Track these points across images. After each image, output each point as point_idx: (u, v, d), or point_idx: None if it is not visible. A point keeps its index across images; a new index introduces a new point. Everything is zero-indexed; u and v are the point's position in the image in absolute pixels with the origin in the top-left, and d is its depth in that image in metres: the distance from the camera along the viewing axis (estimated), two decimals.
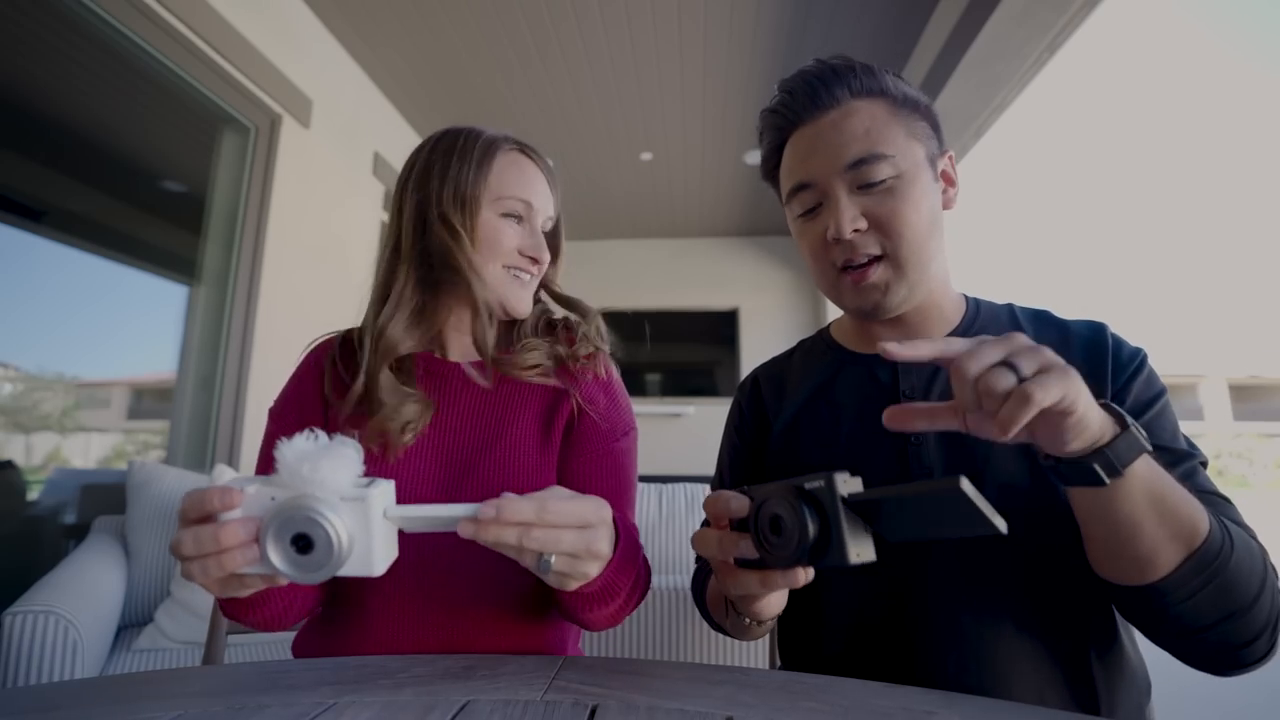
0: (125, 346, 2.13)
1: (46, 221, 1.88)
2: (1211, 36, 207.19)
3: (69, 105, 1.97)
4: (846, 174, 0.61)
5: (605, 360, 0.76)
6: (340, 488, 0.41)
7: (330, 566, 0.40)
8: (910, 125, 0.62)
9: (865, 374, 0.68)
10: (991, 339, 0.41)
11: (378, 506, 0.42)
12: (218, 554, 0.41)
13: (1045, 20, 1.96)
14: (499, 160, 0.71)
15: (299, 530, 0.40)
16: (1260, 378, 20.61)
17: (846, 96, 0.62)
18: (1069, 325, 0.64)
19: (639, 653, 1.22)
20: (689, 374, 6.25)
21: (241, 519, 0.41)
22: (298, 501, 0.40)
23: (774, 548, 0.41)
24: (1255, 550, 0.49)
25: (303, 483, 0.40)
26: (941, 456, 0.59)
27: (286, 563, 0.41)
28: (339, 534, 0.40)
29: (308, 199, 2.39)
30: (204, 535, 0.41)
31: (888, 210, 0.60)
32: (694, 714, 0.41)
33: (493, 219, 0.70)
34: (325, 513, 0.40)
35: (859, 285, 0.62)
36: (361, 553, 0.41)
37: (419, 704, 0.42)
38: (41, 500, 1.90)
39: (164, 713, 0.42)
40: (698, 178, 3.90)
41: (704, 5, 2.33)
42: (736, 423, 0.78)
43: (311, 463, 0.40)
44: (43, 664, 1.12)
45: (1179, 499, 0.46)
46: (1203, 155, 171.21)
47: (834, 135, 0.61)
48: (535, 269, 0.73)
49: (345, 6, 2.36)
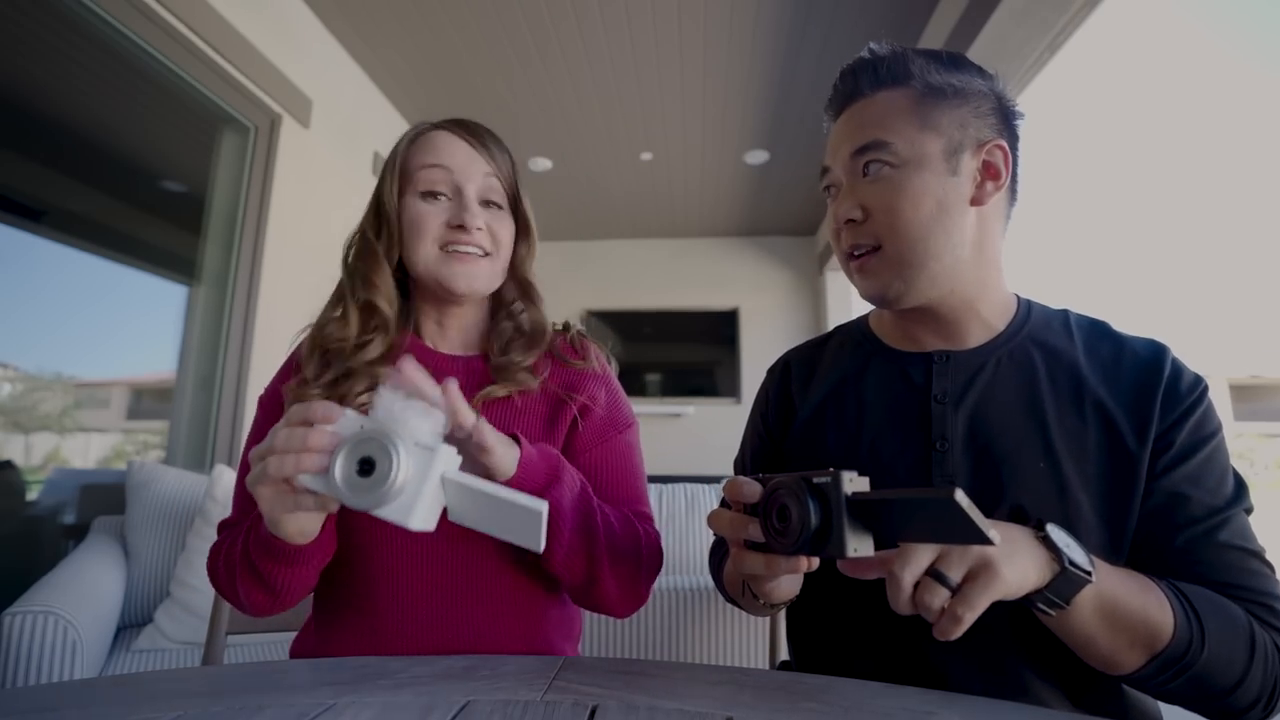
0: (125, 346, 2.12)
1: (46, 221, 1.88)
2: (1211, 36, 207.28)
3: (69, 105, 1.97)
4: (851, 161, 0.61)
5: (599, 356, 0.76)
6: (419, 434, 0.45)
7: (378, 496, 0.43)
8: (930, 115, 0.59)
9: (897, 371, 0.66)
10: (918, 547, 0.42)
11: (440, 463, 0.45)
12: (299, 452, 0.45)
13: (1046, 20, 1.96)
14: (414, 144, 0.71)
15: (368, 453, 0.44)
16: (1261, 378, 20.58)
17: (870, 86, 0.62)
18: (1126, 341, 0.61)
19: (639, 653, 1.22)
20: (689, 374, 6.24)
21: (331, 431, 0.46)
22: (379, 429, 0.44)
23: (779, 534, 0.44)
24: (1239, 633, 0.49)
25: (391, 419, 0.45)
26: (967, 465, 0.58)
27: (344, 479, 0.44)
28: (399, 468, 0.43)
29: (308, 199, 2.39)
30: (295, 433, 0.46)
31: (882, 202, 0.59)
32: (694, 714, 0.41)
33: (414, 203, 0.69)
34: (398, 445, 0.44)
35: (861, 274, 0.63)
36: (407, 500, 0.44)
37: (419, 704, 0.42)
38: (41, 500, 1.90)
39: (164, 713, 0.42)
40: (698, 178, 3.89)
41: (704, 5, 2.33)
42: (763, 408, 0.77)
43: (403, 405, 0.45)
44: (42, 664, 1.12)
45: (1135, 610, 0.47)
46: (1203, 155, 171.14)
47: (850, 124, 0.62)
48: (473, 240, 0.69)
49: (345, 6, 2.36)
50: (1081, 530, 0.54)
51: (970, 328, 0.63)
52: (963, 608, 0.41)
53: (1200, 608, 0.49)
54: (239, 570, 0.59)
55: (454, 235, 0.68)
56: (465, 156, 0.70)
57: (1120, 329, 0.63)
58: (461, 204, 0.68)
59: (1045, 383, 0.59)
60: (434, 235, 0.68)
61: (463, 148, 0.70)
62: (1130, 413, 0.56)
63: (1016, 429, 0.58)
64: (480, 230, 0.69)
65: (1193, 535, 0.53)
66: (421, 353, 0.73)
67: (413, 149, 0.71)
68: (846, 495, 0.41)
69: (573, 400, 0.70)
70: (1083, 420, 0.57)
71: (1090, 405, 0.57)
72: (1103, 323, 0.64)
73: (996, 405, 0.59)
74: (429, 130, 0.72)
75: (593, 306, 4.76)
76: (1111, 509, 0.55)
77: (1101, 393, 0.57)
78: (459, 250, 0.68)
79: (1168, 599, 0.48)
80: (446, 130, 0.71)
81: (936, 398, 0.62)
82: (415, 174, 0.69)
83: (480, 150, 0.71)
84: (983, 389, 0.61)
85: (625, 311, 4.82)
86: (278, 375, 0.75)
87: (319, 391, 0.66)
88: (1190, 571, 0.53)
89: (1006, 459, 0.57)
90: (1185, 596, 0.49)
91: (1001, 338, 0.63)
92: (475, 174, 0.70)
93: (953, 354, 0.63)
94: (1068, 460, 0.56)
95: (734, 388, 4.77)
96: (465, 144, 0.70)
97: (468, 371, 0.73)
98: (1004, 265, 0.65)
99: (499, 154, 0.73)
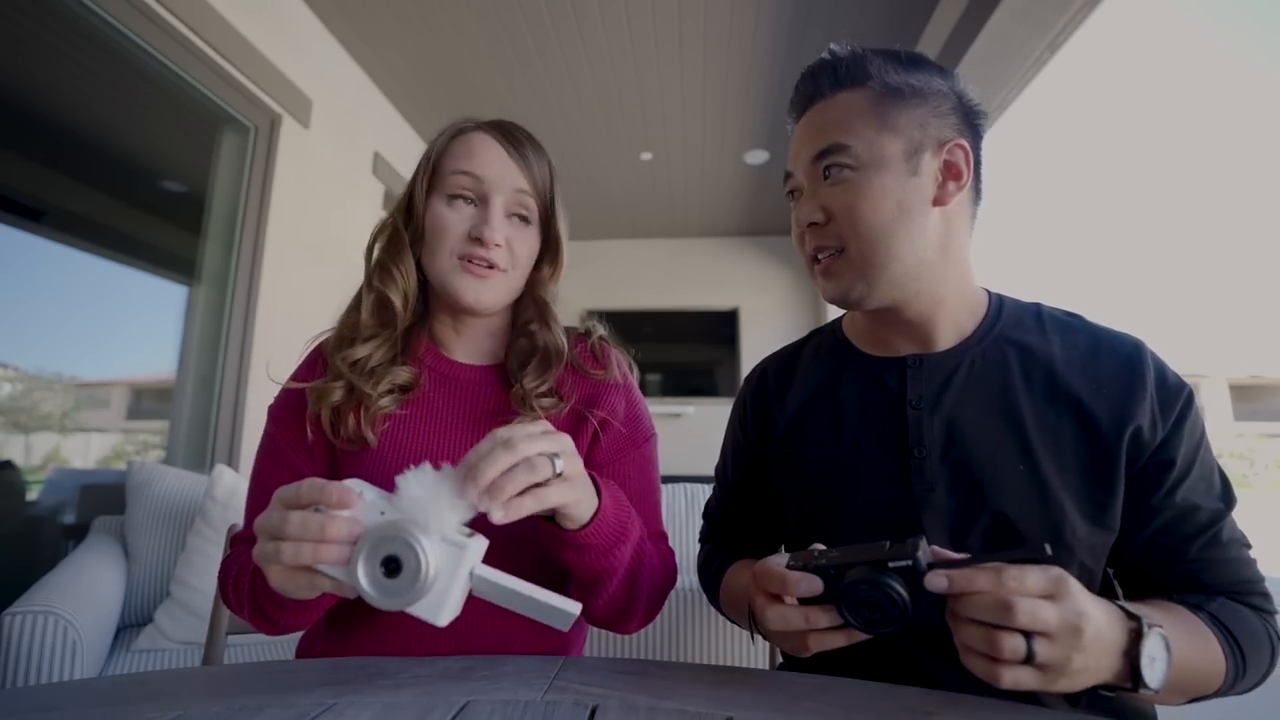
0: (125, 346, 2.13)
1: (46, 221, 1.88)
2: (1211, 36, 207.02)
3: (69, 105, 1.97)
4: (812, 165, 0.61)
5: (621, 363, 0.74)
6: (446, 529, 0.42)
7: (407, 598, 0.41)
8: (889, 116, 0.59)
9: (872, 377, 0.66)
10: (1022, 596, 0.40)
11: (471, 559, 0.42)
12: (316, 542, 0.42)
13: (1046, 20, 1.96)
14: (451, 143, 0.68)
15: (394, 552, 0.41)
16: (1260, 378, 20.58)
17: (830, 88, 0.62)
18: (1102, 335, 0.61)
19: (639, 653, 1.22)
20: (689, 374, 6.25)
21: (350, 518, 0.42)
22: (406, 524, 0.41)
23: (873, 623, 0.44)
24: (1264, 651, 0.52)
25: (417, 511, 0.42)
26: (946, 473, 0.58)
27: (369, 578, 0.41)
28: (429, 570, 0.40)
29: (308, 199, 2.39)
30: (312, 521, 0.42)
31: (842, 204, 0.59)
32: (694, 714, 0.41)
33: (438, 205, 0.66)
34: (425, 545, 0.40)
35: (824, 277, 0.62)
36: (437, 597, 0.42)
37: (419, 704, 0.42)
38: (41, 500, 1.90)
39: (164, 713, 0.42)
40: (698, 178, 3.89)
41: (704, 5, 2.33)
42: (741, 416, 0.77)
43: (430, 496, 0.42)
44: (42, 664, 1.12)
45: (1195, 674, 0.49)
46: (1203, 155, 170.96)
47: (810, 127, 0.62)
48: (490, 255, 0.65)
49: (345, 6, 2.36)
50: (1067, 534, 0.54)
51: (941, 329, 0.63)
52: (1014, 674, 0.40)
53: (1244, 644, 0.51)
54: (246, 605, 0.59)
55: (471, 247, 0.65)
56: (499, 165, 0.67)
57: (1095, 321, 0.63)
58: (484, 215, 0.66)
59: (1020, 381, 0.59)
60: (452, 244, 0.65)
61: (498, 155, 0.67)
62: (1108, 406, 0.56)
63: (993, 432, 0.58)
64: (499, 246, 0.66)
65: (1204, 543, 0.55)
66: (437, 360, 0.71)
67: (449, 149, 0.68)
68: (923, 570, 0.42)
69: (592, 416, 0.68)
70: (1058, 415, 0.57)
71: (1065, 400, 0.57)
72: (1077, 315, 0.64)
73: (972, 409, 0.59)
74: (469, 130, 0.69)
75: (592, 306, 4.75)
76: (1094, 507, 0.55)
77: (1077, 387, 0.57)
78: (473, 263, 0.65)
79: (1221, 648, 0.50)
80: (486, 133, 0.68)
81: (912, 403, 0.61)
82: (446, 177, 0.66)
83: (516, 160, 0.67)
84: (958, 392, 0.60)
85: (625, 311, 4.82)
86: (289, 380, 0.72)
87: (341, 392, 0.65)
88: (1206, 575, 0.55)
89: (985, 464, 0.57)
90: (1234, 637, 0.51)
91: (973, 338, 0.63)
92: (505, 185, 0.67)
93: (925, 357, 0.63)
94: (1046, 459, 0.56)
95: (734, 388, 4.76)
96: (502, 151, 0.67)
97: (485, 383, 0.71)
98: (972, 264, 0.65)
99: (537, 164, 0.69)
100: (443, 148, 0.68)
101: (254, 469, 0.69)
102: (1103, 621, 0.41)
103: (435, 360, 0.71)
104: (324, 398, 0.64)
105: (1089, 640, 0.40)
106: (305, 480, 0.44)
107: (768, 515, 0.74)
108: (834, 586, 0.45)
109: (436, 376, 0.70)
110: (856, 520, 0.61)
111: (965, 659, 0.42)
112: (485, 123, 0.70)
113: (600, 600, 0.59)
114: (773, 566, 0.48)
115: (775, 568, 0.47)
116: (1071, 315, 0.64)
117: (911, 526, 0.58)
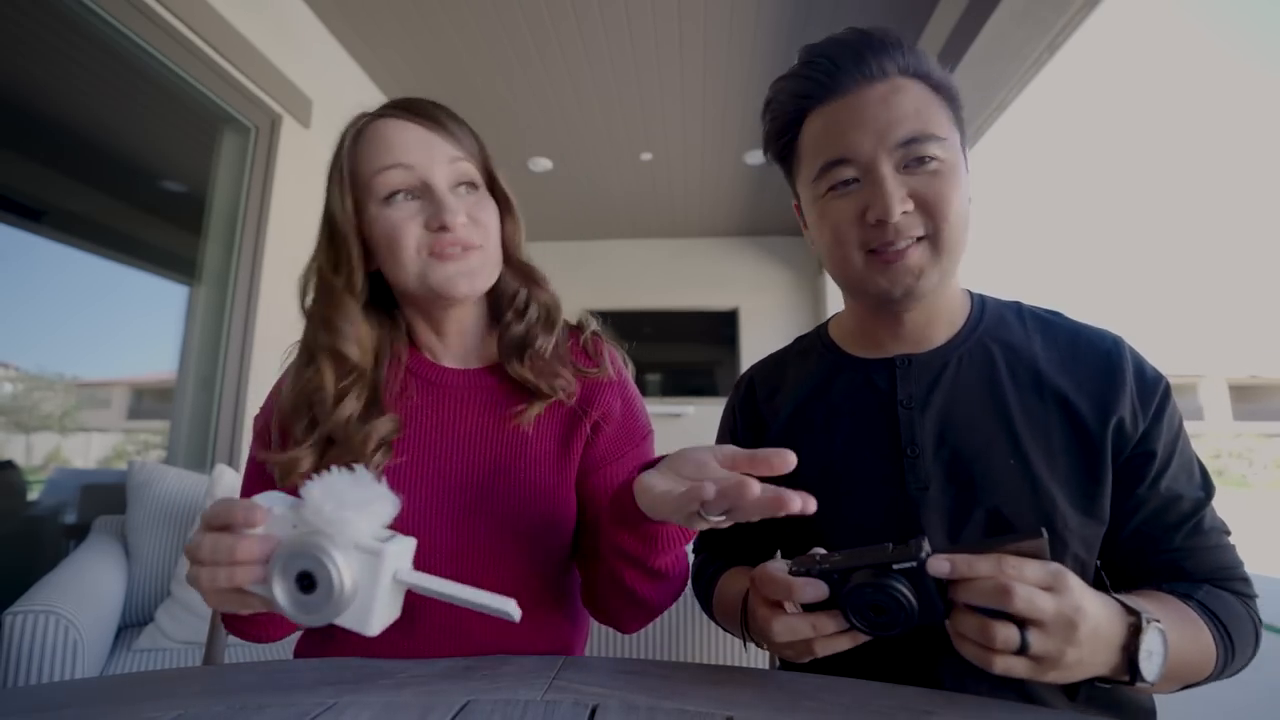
0: (125, 346, 2.13)
1: (46, 221, 1.88)
2: (1211, 36, 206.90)
3: (69, 105, 1.97)
4: (896, 151, 0.56)
5: (616, 359, 0.73)
6: (358, 536, 0.40)
7: (326, 612, 0.40)
8: (950, 111, 0.60)
9: (862, 379, 0.66)
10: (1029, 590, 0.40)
11: (390, 565, 0.40)
12: (230, 565, 0.41)
13: (1045, 20, 1.96)
14: (359, 145, 0.61)
15: (306, 567, 0.39)
16: (1260, 378, 20.59)
17: (895, 72, 0.58)
18: (1081, 331, 0.62)
19: (639, 653, 1.22)
20: (689, 374, 6.24)
21: (261, 536, 0.41)
22: (312, 538, 0.39)
23: (879, 626, 0.43)
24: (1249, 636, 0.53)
25: (324, 522, 0.39)
26: (939, 469, 0.59)
27: (286, 596, 0.40)
28: (342, 582, 0.39)
29: (308, 199, 2.37)
30: (222, 544, 0.41)
31: (935, 192, 0.56)
32: (694, 714, 0.41)
33: (379, 213, 0.60)
34: (335, 557, 0.39)
35: (893, 266, 0.57)
36: (361, 607, 0.40)
37: (419, 704, 0.42)
38: (42, 500, 1.90)
39: (164, 713, 0.42)
40: (698, 178, 3.89)
41: (704, 5, 2.33)
42: (730, 424, 0.77)
43: (336, 504, 0.39)
44: (43, 664, 1.12)
45: (1188, 664, 0.49)
46: (1203, 155, 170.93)
47: (883, 110, 0.56)
48: (459, 236, 0.60)
49: (345, 6, 2.36)
50: (1059, 525, 0.55)
51: (935, 327, 0.64)
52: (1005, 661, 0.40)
53: (1233, 631, 0.52)
54: (224, 620, 0.59)
55: (437, 238, 0.59)
56: (422, 145, 0.60)
57: (1074, 318, 0.64)
58: (434, 201, 0.59)
59: (1006, 377, 0.60)
60: (414, 243, 0.59)
61: (417, 135, 0.61)
62: (1091, 398, 0.57)
63: (984, 428, 0.59)
64: (464, 224, 0.60)
65: (1188, 531, 0.56)
66: (424, 368, 0.68)
67: (359, 151, 0.61)
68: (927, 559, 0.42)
69: (586, 415, 0.66)
70: (1045, 410, 0.58)
71: (1051, 395, 0.58)
72: (1056, 312, 0.65)
73: (962, 406, 0.60)
74: (371, 122, 0.62)
75: (592, 306, 4.73)
76: (1084, 498, 0.56)
77: (1060, 381, 0.59)
78: (447, 251, 0.60)
79: (1212, 636, 0.50)
80: (392, 118, 0.61)
81: (903, 403, 0.62)
82: (371, 180, 0.59)
83: (438, 132, 0.61)
84: (947, 390, 0.61)
85: (625, 311, 4.82)
86: (271, 396, 0.69)
87: (311, 458, 0.59)
88: (1190, 563, 0.56)
89: (977, 459, 0.58)
90: (1223, 625, 0.52)
91: (959, 337, 0.64)
92: (439, 161, 0.60)
93: (914, 357, 0.64)
94: (1035, 452, 0.57)
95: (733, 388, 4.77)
96: (419, 129, 0.61)
97: (478, 389, 0.67)
98: None
99: (459, 130, 0.63)
100: (352, 153, 0.61)
101: (245, 472, 0.68)
102: (1101, 617, 0.41)
103: (422, 369, 0.68)
104: (292, 470, 0.58)
105: (1084, 635, 0.40)
106: (219, 500, 0.43)
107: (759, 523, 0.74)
108: (838, 591, 0.44)
109: (424, 384, 0.67)
110: (853, 522, 0.61)
111: (958, 644, 0.42)
112: (384, 108, 0.64)
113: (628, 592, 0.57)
114: (773, 573, 0.47)
115: (776, 574, 0.47)
116: (1051, 313, 0.66)
117: (908, 525, 0.58)
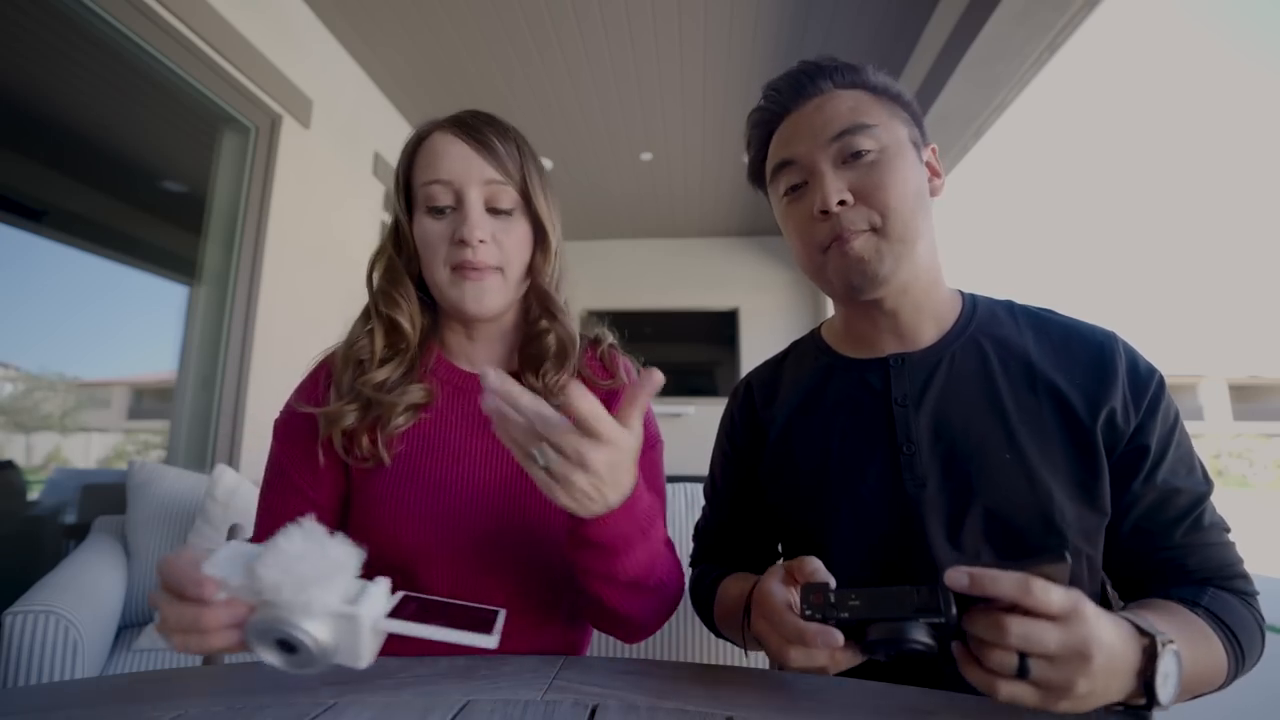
0: (125, 346, 2.13)
1: (46, 221, 1.88)
2: (1211, 36, 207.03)
3: (69, 105, 1.97)
4: (830, 146, 0.60)
5: (632, 373, 0.74)
6: (329, 603, 0.39)
7: (318, 665, 0.40)
8: (892, 109, 0.63)
9: (856, 379, 0.66)
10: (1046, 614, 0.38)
11: (368, 619, 0.40)
12: (200, 633, 0.40)
13: (1045, 20, 1.96)
14: (415, 155, 0.67)
15: (279, 637, 0.39)
16: (1260, 378, 20.58)
17: (829, 86, 0.63)
18: (1074, 327, 0.63)
19: (639, 653, 1.22)
20: (689, 374, 6.25)
21: (225, 602, 0.40)
22: (280, 615, 0.39)
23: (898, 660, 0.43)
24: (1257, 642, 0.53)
25: (285, 594, 0.38)
26: (936, 466, 0.59)
27: (273, 657, 0.40)
28: (320, 643, 0.39)
29: (308, 199, 2.39)
30: (186, 614, 0.40)
31: (873, 182, 0.59)
32: (694, 714, 0.41)
33: (422, 221, 0.65)
34: (309, 628, 0.39)
35: (845, 253, 0.60)
36: (348, 655, 0.41)
37: (419, 704, 0.42)
38: (42, 500, 1.91)
39: (164, 713, 0.42)
40: (698, 178, 3.89)
41: (704, 5, 2.33)
42: (728, 429, 0.77)
43: (295, 586, 0.38)
44: (43, 664, 1.12)
45: (1200, 680, 0.49)
46: (1203, 155, 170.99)
47: (817, 116, 0.62)
48: (478, 256, 0.63)
49: (345, 6, 2.36)
50: (1056, 517, 0.55)
51: (923, 325, 0.65)
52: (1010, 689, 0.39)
53: (1241, 639, 0.51)
54: None
55: (458, 252, 0.63)
56: (464, 162, 0.64)
57: (1066, 315, 0.65)
58: (462, 215, 0.64)
59: (999, 372, 0.61)
60: (442, 255, 0.64)
61: (461, 152, 0.65)
62: (1082, 390, 0.58)
63: (978, 424, 0.59)
64: (484, 243, 0.63)
65: (1187, 527, 0.56)
66: (449, 372, 0.70)
67: (415, 163, 0.67)
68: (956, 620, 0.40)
69: None
70: (1039, 404, 0.58)
71: (1044, 389, 0.59)
72: (1048, 311, 0.66)
73: (956, 402, 0.61)
74: (428, 135, 0.67)
75: (593, 306, 4.76)
76: (1081, 490, 0.56)
77: (1053, 375, 0.59)
78: (465, 268, 0.64)
79: (1223, 645, 0.50)
80: (444, 132, 0.66)
81: (897, 401, 0.62)
82: (419, 191, 0.65)
83: (481, 151, 0.65)
84: (941, 387, 0.62)
85: (625, 311, 4.82)
86: (294, 397, 0.70)
87: (354, 414, 0.64)
88: (1191, 561, 0.55)
89: (973, 455, 0.58)
90: (1232, 633, 0.51)
91: (951, 334, 0.64)
92: (475, 181, 0.64)
93: (907, 356, 0.64)
94: (1030, 446, 0.57)
95: None
96: (464, 146, 0.65)
97: None
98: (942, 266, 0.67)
99: (505, 151, 0.66)
100: (409, 163, 0.68)
101: (261, 492, 0.68)
102: (1117, 648, 0.40)
103: (448, 372, 0.70)
104: (337, 421, 0.63)
105: (1098, 667, 0.38)
106: (166, 561, 0.41)
107: (758, 528, 0.74)
108: (857, 639, 0.43)
109: (450, 389, 0.69)
110: (853, 520, 0.61)
111: (963, 668, 0.41)
112: (443, 121, 0.68)
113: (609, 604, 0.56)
114: (784, 613, 0.46)
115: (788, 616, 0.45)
116: (1043, 309, 0.66)
117: (907, 523, 0.58)
